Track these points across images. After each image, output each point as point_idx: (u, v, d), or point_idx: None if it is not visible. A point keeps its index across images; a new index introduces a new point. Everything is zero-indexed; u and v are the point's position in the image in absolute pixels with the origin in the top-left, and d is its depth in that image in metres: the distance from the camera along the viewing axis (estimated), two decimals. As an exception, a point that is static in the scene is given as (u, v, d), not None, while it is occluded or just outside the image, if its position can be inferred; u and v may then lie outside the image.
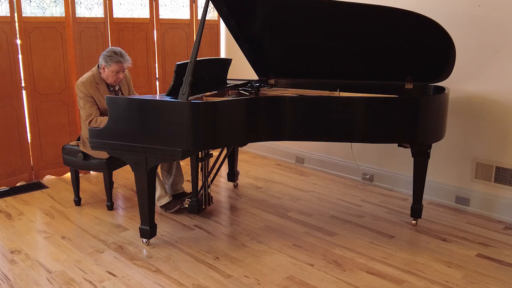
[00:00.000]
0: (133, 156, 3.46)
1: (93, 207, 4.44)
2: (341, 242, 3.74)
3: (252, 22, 4.19)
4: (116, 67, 4.09)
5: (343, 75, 4.27)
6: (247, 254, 3.54)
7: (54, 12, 4.99)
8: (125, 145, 3.45)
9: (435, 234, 3.89)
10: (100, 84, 4.16)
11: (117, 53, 4.11)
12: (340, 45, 4.02)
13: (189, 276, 3.23)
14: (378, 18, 3.68)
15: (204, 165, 4.17)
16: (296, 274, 3.27)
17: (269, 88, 4.50)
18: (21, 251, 3.59)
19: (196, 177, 4.13)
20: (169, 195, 4.29)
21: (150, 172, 3.49)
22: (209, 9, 6.12)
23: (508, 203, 4.16)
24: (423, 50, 3.80)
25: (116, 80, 4.16)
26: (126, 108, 3.40)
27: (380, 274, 3.28)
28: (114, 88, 4.28)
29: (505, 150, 4.13)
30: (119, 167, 4.39)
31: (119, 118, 3.43)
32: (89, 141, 3.59)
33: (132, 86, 4.51)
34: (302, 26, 3.96)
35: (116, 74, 4.12)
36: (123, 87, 4.38)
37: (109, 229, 3.97)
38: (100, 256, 3.51)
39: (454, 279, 3.23)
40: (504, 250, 3.65)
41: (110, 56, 4.08)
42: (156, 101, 3.34)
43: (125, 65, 4.14)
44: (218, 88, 4.14)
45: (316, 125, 3.58)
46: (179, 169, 4.42)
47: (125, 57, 4.15)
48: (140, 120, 3.37)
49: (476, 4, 4.12)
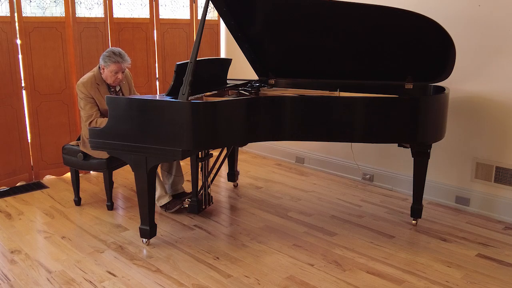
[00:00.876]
0: (133, 156, 3.46)
1: (93, 207, 4.44)
2: (341, 242, 3.74)
3: (252, 22, 4.19)
4: (115, 67, 4.10)
5: (343, 75, 4.27)
6: (247, 254, 3.54)
7: (54, 12, 4.99)
8: (125, 145, 3.45)
9: (435, 234, 3.89)
10: (101, 85, 4.16)
11: (116, 54, 4.11)
12: (340, 45, 4.02)
13: (189, 276, 3.23)
14: (379, 18, 3.68)
15: (204, 165, 4.17)
16: (296, 274, 3.27)
17: (269, 88, 4.49)
18: (21, 251, 3.59)
19: (196, 177, 4.13)
20: (169, 195, 4.29)
21: (150, 172, 3.49)
22: (209, 9, 6.12)
23: (508, 203, 4.16)
24: (423, 50, 3.80)
25: (115, 80, 4.16)
26: (126, 108, 3.40)
27: (380, 274, 3.28)
28: (114, 88, 4.28)
29: (505, 150, 4.13)
30: (119, 167, 4.39)
31: (119, 118, 3.43)
32: (89, 141, 3.59)
33: (133, 86, 4.51)
34: (302, 26, 3.96)
35: (115, 74, 4.13)
36: (124, 87, 4.38)
37: (109, 229, 3.97)
38: (100, 256, 3.52)
39: (454, 279, 3.22)
40: (504, 250, 3.65)
41: (109, 57, 4.09)
42: (156, 101, 3.34)
43: (123, 65, 4.14)
44: (218, 88, 4.14)
45: (317, 125, 3.58)
46: (179, 169, 4.42)
47: (124, 57, 4.15)
48: (140, 120, 3.37)
49: (476, 4, 4.12)
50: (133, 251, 3.58)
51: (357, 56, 4.06)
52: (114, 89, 4.28)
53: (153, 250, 3.61)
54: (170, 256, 3.51)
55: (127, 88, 4.42)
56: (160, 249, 3.61)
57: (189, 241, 3.75)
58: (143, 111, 3.35)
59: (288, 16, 3.93)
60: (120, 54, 4.13)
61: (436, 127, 3.68)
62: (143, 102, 3.36)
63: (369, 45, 3.93)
